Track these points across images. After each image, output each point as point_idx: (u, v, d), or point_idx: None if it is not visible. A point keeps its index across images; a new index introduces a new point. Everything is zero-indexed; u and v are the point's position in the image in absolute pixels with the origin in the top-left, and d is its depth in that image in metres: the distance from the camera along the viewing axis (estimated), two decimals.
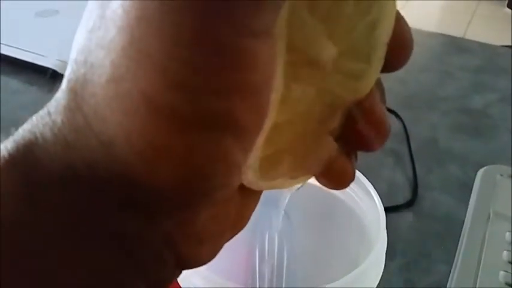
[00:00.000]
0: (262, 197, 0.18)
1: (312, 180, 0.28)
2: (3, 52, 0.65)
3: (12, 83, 0.63)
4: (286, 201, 0.22)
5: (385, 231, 0.23)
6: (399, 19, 0.15)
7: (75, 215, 0.12)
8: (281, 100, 0.13)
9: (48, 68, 0.63)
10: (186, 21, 0.11)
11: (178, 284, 0.23)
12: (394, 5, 0.15)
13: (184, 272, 0.21)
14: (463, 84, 0.66)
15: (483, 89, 0.65)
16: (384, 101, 0.17)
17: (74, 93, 0.12)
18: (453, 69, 0.69)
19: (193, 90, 0.11)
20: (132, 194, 0.12)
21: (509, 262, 0.38)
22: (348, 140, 0.16)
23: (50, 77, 0.63)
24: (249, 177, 0.15)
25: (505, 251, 0.39)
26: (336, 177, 0.17)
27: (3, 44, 0.66)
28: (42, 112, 0.13)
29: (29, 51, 0.65)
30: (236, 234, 0.17)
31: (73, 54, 0.13)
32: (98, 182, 0.12)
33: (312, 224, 0.29)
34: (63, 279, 0.12)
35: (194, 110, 0.11)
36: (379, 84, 0.16)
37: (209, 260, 0.16)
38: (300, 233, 0.26)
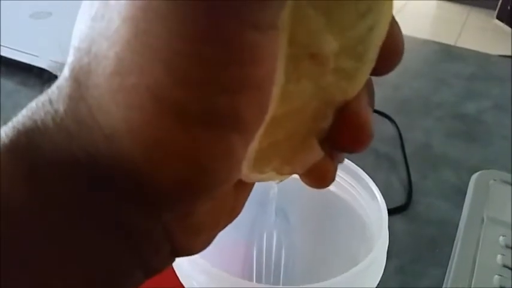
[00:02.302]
0: (260, 196, 0.18)
1: None
2: None
3: (6, 84, 0.62)
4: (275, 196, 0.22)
5: (387, 229, 0.23)
6: (393, 24, 0.15)
7: (76, 204, 0.12)
8: (280, 93, 0.13)
9: (41, 69, 0.63)
10: (193, 15, 0.11)
11: (179, 281, 0.22)
12: (391, 8, 0.15)
13: (185, 269, 0.21)
14: (456, 91, 0.66)
15: (476, 95, 0.65)
16: (372, 104, 0.17)
17: (78, 82, 0.12)
18: (447, 76, 0.70)
19: (199, 85, 0.11)
20: (134, 187, 0.12)
21: (504, 266, 0.38)
22: (331, 141, 0.16)
23: (44, 78, 0.63)
24: (243, 169, 0.15)
25: (499, 255, 0.39)
26: (318, 177, 0.17)
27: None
28: (42, 99, 0.13)
29: (23, 52, 0.65)
30: (228, 224, 0.17)
31: (75, 41, 0.12)
32: (100, 173, 0.12)
33: (312, 222, 0.29)
34: (64, 267, 0.12)
35: (200, 105, 0.11)
36: (369, 87, 0.16)
37: (202, 249, 0.16)
38: (300, 231, 0.26)
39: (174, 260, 0.15)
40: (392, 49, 0.16)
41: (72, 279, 0.12)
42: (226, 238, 0.26)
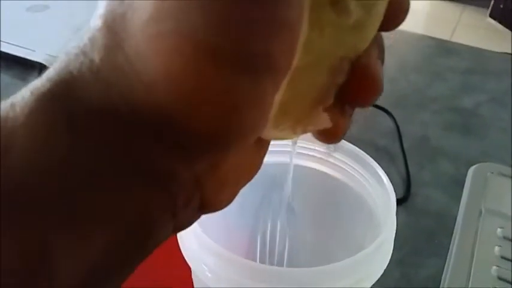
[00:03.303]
0: (265, 185, 0.18)
1: (318, 167, 0.28)
2: None
3: (3, 78, 0.62)
4: (290, 189, 0.22)
5: (395, 216, 0.23)
6: None
7: (114, 150, 0.12)
8: (303, 42, 0.14)
9: (38, 63, 0.62)
10: None
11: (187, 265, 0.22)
12: None
13: (193, 251, 0.21)
14: (452, 85, 0.66)
15: (472, 89, 0.65)
16: (382, 58, 0.17)
17: (113, 32, 0.12)
18: (442, 70, 0.70)
19: (234, 28, 0.11)
20: (170, 134, 0.13)
21: (502, 257, 0.39)
22: (342, 94, 0.17)
23: (40, 72, 0.62)
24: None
25: (496, 247, 0.40)
26: (330, 132, 0.18)
27: None
28: (73, 51, 0.13)
29: (19, 46, 0.65)
30: (248, 182, 0.17)
31: None
32: (138, 120, 0.12)
33: (318, 209, 0.29)
34: (105, 213, 0.12)
35: (236, 49, 0.12)
36: (379, 41, 0.17)
37: (226, 206, 0.16)
38: (305, 218, 0.26)
39: (199, 216, 0.16)
40: (400, 4, 0.16)
41: (112, 225, 0.12)
42: (231, 223, 0.26)
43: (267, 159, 0.17)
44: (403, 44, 0.78)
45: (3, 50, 0.64)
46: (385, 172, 0.48)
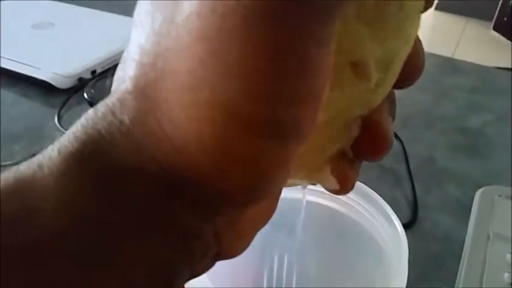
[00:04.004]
0: (272, 219, 0.18)
1: (326, 202, 0.28)
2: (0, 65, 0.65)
3: (8, 95, 0.62)
4: (301, 225, 0.22)
5: (407, 261, 0.23)
6: (417, 41, 0.16)
7: (141, 209, 0.13)
8: (327, 98, 0.14)
9: (43, 81, 0.62)
10: (267, 36, 0.11)
11: None
12: (419, 26, 0.16)
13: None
14: (458, 104, 0.66)
15: (479, 109, 0.65)
16: (393, 114, 0.18)
17: (145, 96, 0.13)
18: (448, 89, 0.70)
19: (268, 99, 0.12)
20: (197, 194, 0.13)
21: (511, 284, 0.38)
22: (352, 148, 0.17)
23: (45, 89, 0.63)
24: None
25: (506, 273, 0.39)
26: (339, 184, 0.18)
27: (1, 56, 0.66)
28: (102, 110, 0.13)
29: (24, 64, 0.65)
30: (263, 227, 0.17)
31: (135, 55, 0.13)
32: (168, 182, 0.13)
33: (326, 247, 0.28)
34: (131, 269, 0.13)
35: (267, 117, 0.12)
36: (391, 98, 0.17)
37: (243, 251, 0.17)
38: (313, 256, 0.26)
39: (214, 264, 0.16)
40: (414, 64, 0.17)
41: (136, 280, 0.13)
42: (237, 259, 0.25)
43: None
44: None
45: (8, 67, 0.65)
46: (392, 195, 0.48)
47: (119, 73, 0.14)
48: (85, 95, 0.61)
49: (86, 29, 0.76)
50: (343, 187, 0.18)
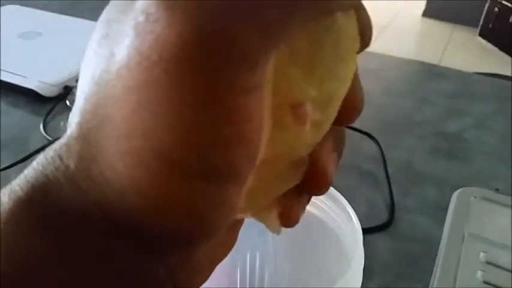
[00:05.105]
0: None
1: None
2: None
3: None
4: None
5: (362, 247, 0.24)
6: (355, 79, 0.17)
7: (89, 253, 0.13)
8: (268, 138, 0.15)
9: (30, 89, 0.63)
10: (191, 85, 0.12)
11: None
12: (355, 66, 0.16)
13: None
14: (438, 110, 0.68)
15: (458, 114, 0.67)
16: (339, 150, 0.18)
17: (87, 142, 0.13)
18: (429, 94, 0.71)
19: (198, 145, 0.12)
20: (142, 237, 0.14)
21: (484, 282, 0.39)
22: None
23: (31, 98, 0.63)
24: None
25: (479, 271, 0.40)
26: (284, 218, 0.18)
27: None
28: (51, 154, 0.14)
29: (12, 73, 0.65)
30: (223, 259, 0.18)
31: (80, 102, 0.14)
32: (111, 225, 0.13)
33: (292, 244, 0.29)
34: None
35: (199, 163, 0.12)
36: (335, 134, 0.18)
37: (202, 284, 0.17)
38: (281, 252, 0.26)
39: None
40: (352, 103, 0.17)
41: None
42: None
43: None
44: (390, 69, 0.79)
45: None
46: (369, 197, 0.49)
47: (70, 116, 0.15)
48: (67, 102, 0.61)
49: (72, 38, 0.77)
50: (289, 221, 0.18)
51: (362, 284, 0.23)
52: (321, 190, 0.18)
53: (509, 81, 0.78)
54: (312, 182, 0.17)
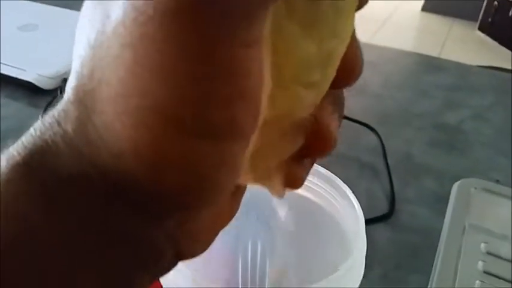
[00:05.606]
0: (244, 206, 0.19)
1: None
2: None
3: None
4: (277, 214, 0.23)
5: (364, 234, 0.24)
6: (354, 38, 0.16)
7: (89, 217, 0.13)
8: (269, 98, 0.14)
9: (28, 82, 0.63)
10: (187, 39, 0.11)
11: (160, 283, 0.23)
12: (353, 24, 0.16)
13: (170, 275, 0.22)
14: (437, 102, 0.68)
15: (457, 106, 0.67)
16: (339, 114, 0.18)
17: (84, 106, 0.13)
18: (428, 87, 0.71)
19: (196, 101, 0.12)
20: (141, 199, 0.13)
21: (485, 272, 0.39)
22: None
23: (30, 91, 0.63)
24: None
25: (480, 261, 0.40)
26: (288, 183, 0.18)
27: None
28: (49, 120, 0.14)
29: (10, 66, 0.65)
30: (225, 226, 0.18)
31: (76, 66, 0.13)
32: (110, 188, 0.13)
33: (294, 232, 0.29)
34: (79, 275, 0.13)
35: (197, 119, 0.12)
36: (334, 97, 0.17)
37: (203, 252, 0.17)
38: (282, 241, 0.26)
39: (176, 264, 0.16)
40: (352, 62, 0.17)
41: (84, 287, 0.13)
42: (212, 247, 0.26)
43: None
44: (389, 61, 0.79)
45: None
46: (369, 188, 0.49)
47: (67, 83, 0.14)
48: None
49: (70, 31, 0.76)
50: (293, 183, 0.18)
51: (364, 267, 0.23)
52: (326, 150, 0.17)
53: (508, 73, 0.78)
54: (317, 143, 0.17)
